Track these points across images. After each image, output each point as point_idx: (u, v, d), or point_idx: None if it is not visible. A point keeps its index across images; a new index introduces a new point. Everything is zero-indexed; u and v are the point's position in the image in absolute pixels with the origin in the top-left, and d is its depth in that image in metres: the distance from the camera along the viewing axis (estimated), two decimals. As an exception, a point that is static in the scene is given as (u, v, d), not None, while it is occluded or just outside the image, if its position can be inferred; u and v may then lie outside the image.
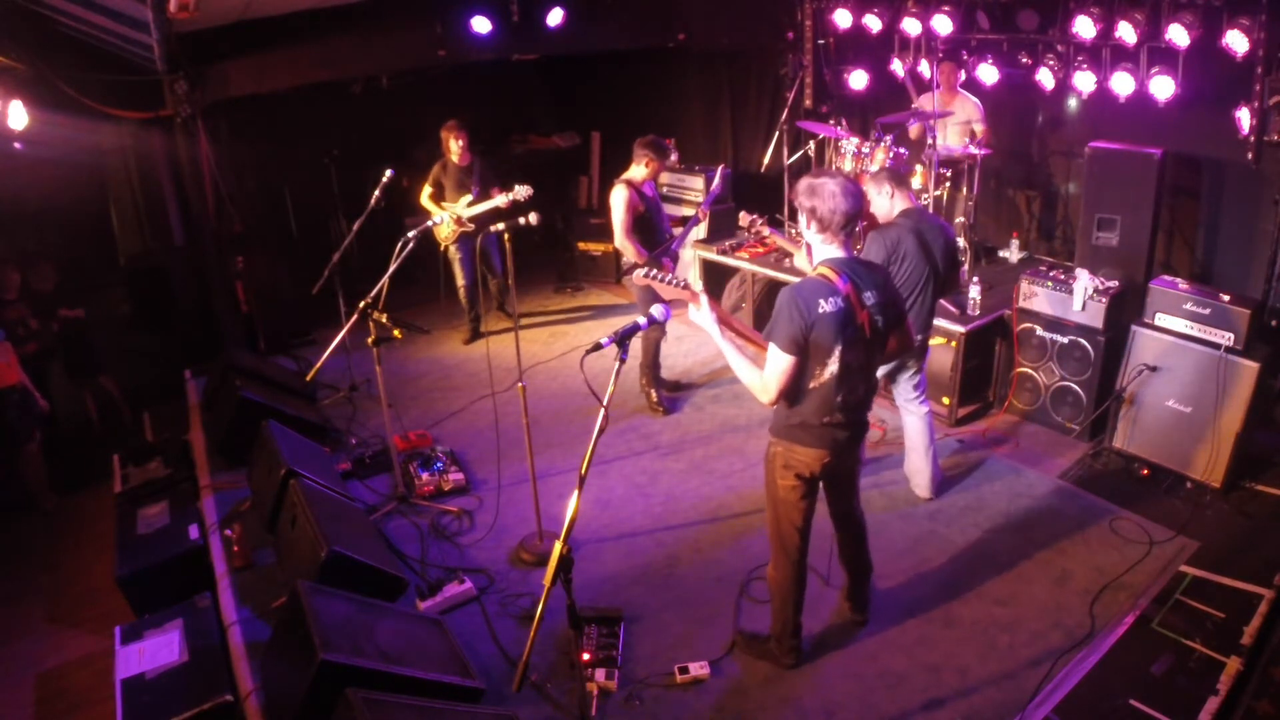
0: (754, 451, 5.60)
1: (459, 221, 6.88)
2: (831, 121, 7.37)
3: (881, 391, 5.09)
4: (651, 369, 6.09)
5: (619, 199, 5.65)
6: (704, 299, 3.31)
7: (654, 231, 5.85)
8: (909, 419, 4.94)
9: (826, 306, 3.17)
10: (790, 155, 7.25)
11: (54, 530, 5.74)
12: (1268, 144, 5.32)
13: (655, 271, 3.36)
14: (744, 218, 5.28)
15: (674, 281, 3.33)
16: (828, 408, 3.32)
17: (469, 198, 6.86)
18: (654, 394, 6.13)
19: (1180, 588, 4.13)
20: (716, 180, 6.48)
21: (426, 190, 7.04)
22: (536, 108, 10.09)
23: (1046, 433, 5.63)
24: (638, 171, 5.76)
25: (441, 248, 7.19)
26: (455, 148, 6.88)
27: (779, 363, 3.23)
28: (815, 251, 3.37)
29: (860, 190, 3.35)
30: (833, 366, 3.25)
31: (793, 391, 3.30)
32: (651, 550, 4.72)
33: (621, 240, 5.73)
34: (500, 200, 6.45)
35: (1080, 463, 5.31)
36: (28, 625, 4.82)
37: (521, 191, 5.90)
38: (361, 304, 4.88)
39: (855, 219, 3.29)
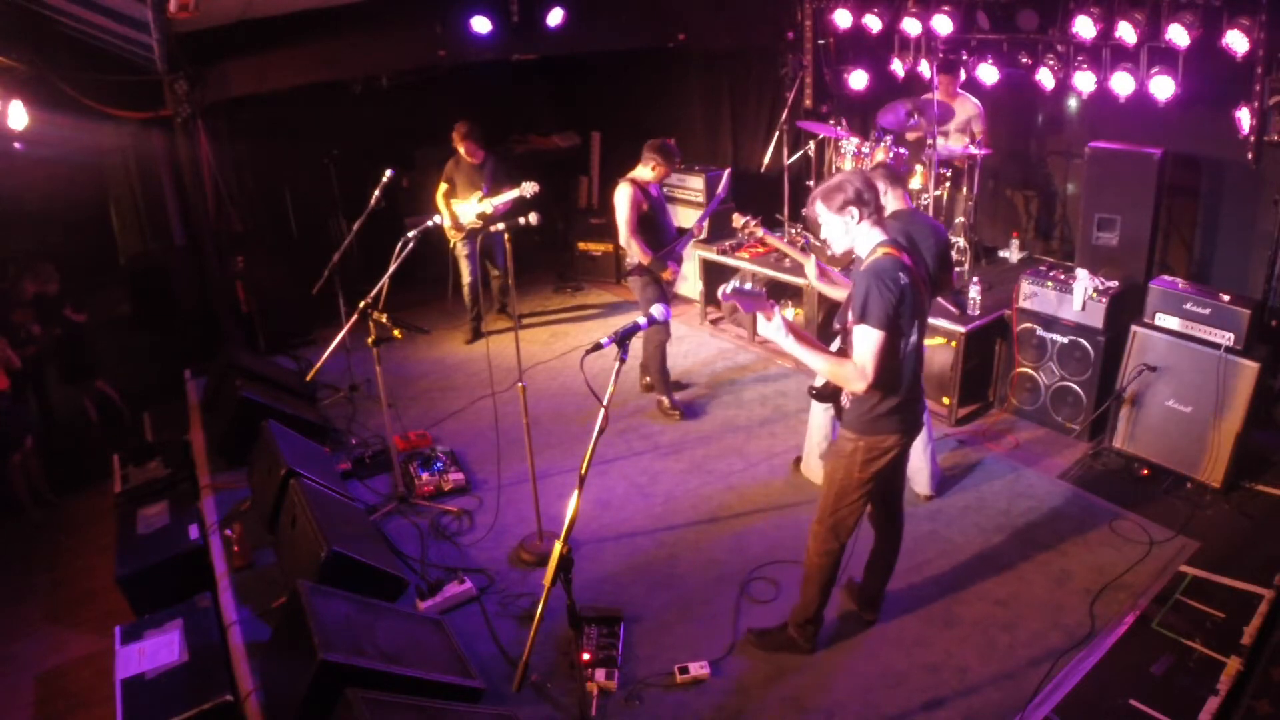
0: (754, 451, 5.60)
1: (457, 225, 6.92)
2: (831, 121, 7.37)
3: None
4: (662, 374, 6.06)
5: (624, 197, 5.62)
6: (777, 312, 3.22)
7: (659, 232, 5.81)
8: None
9: (905, 279, 3.21)
10: (790, 155, 7.25)
11: (54, 530, 5.73)
12: (1268, 144, 5.32)
13: (741, 284, 3.12)
14: (737, 219, 5.26)
15: (754, 291, 3.14)
16: (908, 382, 3.39)
17: (478, 194, 6.92)
18: (666, 400, 6.10)
19: (1180, 588, 4.13)
20: (722, 184, 6.35)
21: (442, 187, 7.10)
22: (536, 108, 10.09)
23: (1046, 433, 5.63)
24: (644, 172, 5.72)
25: (451, 244, 7.23)
26: (464, 146, 6.95)
27: (874, 341, 3.20)
28: (862, 243, 3.35)
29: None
30: (913, 338, 3.32)
31: (885, 372, 3.28)
32: (651, 550, 4.72)
33: (626, 238, 5.70)
34: (511, 194, 6.59)
35: (1080, 463, 5.32)
36: (28, 625, 4.81)
37: (528, 188, 6.32)
38: (361, 304, 4.88)
39: (877, 191, 3.37)
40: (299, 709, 3.22)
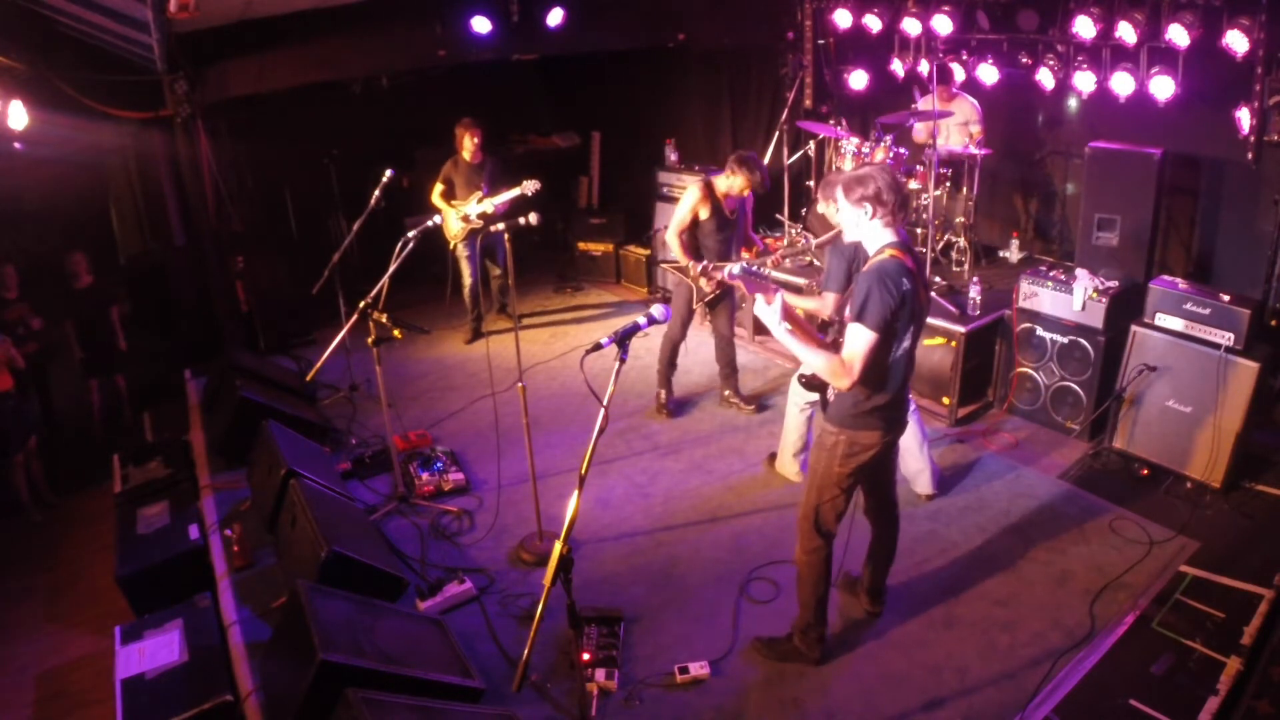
0: (753, 452, 5.60)
1: (466, 219, 6.92)
2: (831, 121, 7.37)
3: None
4: (668, 368, 6.03)
5: (687, 195, 5.53)
6: (779, 296, 3.25)
7: (720, 246, 5.60)
8: None
9: (907, 284, 3.22)
10: (790, 155, 7.25)
11: (54, 530, 5.74)
12: (1268, 144, 5.32)
13: (750, 265, 3.25)
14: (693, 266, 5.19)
15: (761, 273, 3.25)
16: (895, 385, 3.40)
17: (478, 195, 6.90)
18: (664, 393, 6.09)
19: (1180, 588, 4.14)
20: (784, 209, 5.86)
21: (438, 188, 7.06)
22: (536, 108, 10.08)
23: (1046, 433, 5.63)
24: (722, 181, 5.52)
25: (450, 246, 7.21)
26: (470, 145, 6.91)
27: (865, 343, 3.21)
28: (871, 240, 3.37)
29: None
30: (906, 343, 3.34)
31: (872, 372, 3.30)
32: (651, 550, 4.72)
33: (671, 235, 5.57)
34: (513, 193, 6.55)
35: (1080, 463, 5.31)
36: (28, 625, 4.82)
37: (530, 186, 6.28)
38: (361, 304, 4.88)
39: (906, 195, 3.36)
40: (299, 709, 3.22)
